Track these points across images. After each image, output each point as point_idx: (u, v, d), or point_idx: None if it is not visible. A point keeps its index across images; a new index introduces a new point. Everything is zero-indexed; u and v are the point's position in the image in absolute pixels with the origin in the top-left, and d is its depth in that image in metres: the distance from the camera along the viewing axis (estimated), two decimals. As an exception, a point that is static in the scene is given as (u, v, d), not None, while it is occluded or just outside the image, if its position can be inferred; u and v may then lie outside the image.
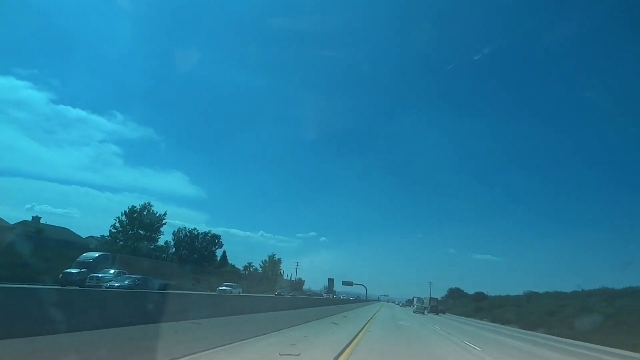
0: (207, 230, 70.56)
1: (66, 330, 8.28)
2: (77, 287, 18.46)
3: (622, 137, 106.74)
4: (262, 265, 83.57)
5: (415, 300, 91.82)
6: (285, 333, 13.25)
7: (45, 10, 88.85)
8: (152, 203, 48.06)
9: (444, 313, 72.42)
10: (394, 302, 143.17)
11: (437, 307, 72.91)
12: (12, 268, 25.34)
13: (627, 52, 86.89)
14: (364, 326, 20.58)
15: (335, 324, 20.02)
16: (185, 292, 29.22)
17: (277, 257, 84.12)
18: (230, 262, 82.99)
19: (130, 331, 9.94)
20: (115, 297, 12.59)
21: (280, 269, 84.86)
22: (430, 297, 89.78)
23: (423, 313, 61.15)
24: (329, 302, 49.94)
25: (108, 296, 12.78)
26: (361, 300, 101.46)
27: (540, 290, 57.33)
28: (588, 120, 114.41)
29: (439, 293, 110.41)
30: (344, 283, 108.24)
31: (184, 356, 7.38)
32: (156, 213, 47.17)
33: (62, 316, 8.26)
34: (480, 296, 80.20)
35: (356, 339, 13.47)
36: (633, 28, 79.82)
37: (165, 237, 57.44)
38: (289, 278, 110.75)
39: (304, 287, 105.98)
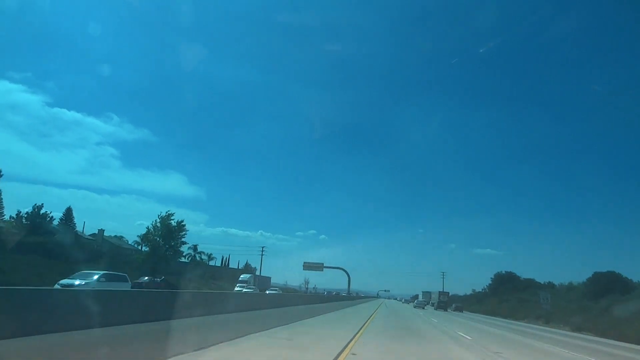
0: None
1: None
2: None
3: (626, 129, 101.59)
4: (151, 229, 40.45)
5: (420, 295, 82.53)
6: None
7: (37, 12, 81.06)
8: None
9: (461, 311, 59.36)
10: (395, 299, 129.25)
11: (446, 303, 64.50)
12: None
13: (633, 44, 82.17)
14: None
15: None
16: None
17: (175, 218, 40.68)
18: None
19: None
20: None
21: (183, 237, 41.10)
22: (440, 292, 76.65)
23: (423, 308, 58.53)
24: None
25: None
26: (340, 299, 58.23)
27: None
28: (589, 113, 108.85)
29: (469, 287, 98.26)
30: (307, 267, 66.93)
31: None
32: None
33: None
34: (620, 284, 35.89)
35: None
36: (636, 22, 74.52)
37: None
38: (239, 266, 72.83)
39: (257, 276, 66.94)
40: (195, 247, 56.07)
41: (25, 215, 40.49)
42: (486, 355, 10.78)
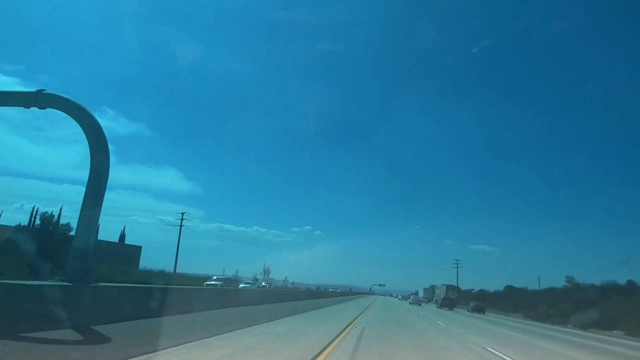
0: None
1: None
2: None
3: (622, 129, 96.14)
4: None
5: (421, 291, 77.04)
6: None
7: (31, 4, 70.48)
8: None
9: (483, 312, 44.49)
10: (391, 295, 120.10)
11: (453, 300, 51.19)
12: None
13: (626, 44, 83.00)
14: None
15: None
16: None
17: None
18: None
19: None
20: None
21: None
22: (448, 285, 60.51)
23: (419, 304, 51.83)
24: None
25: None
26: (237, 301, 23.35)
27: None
28: (587, 112, 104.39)
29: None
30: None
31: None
32: None
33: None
34: None
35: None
36: (630, 21, 74.24)
37: None
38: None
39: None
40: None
41: None
42: None
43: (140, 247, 47.50)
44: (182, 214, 58.59)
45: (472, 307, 47.21)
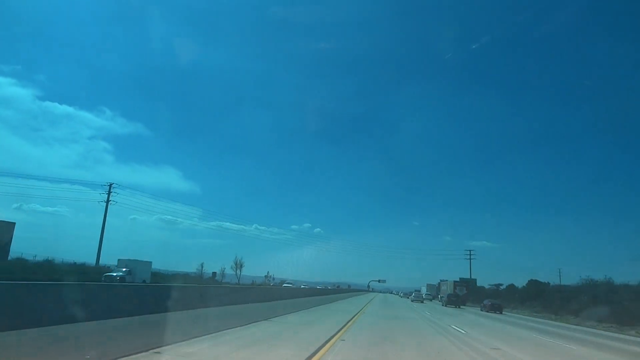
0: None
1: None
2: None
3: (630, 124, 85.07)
4: None
5: (424, 288, 72.56)
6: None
7: (28, 4, 70.79)
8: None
9: (500, 312, 37.80)
10: (391, 292, 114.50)
11: (460, 298, 46.40)
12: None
13: (626, 38, 79.90)
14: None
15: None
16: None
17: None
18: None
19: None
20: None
21: None
22: (456, 281, 55.64)
23: (422, 301, 49.07)
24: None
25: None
26: None
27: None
28: (582, 107, 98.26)
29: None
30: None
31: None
32: None
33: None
34: None
35: None
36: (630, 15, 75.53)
37: None
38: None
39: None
40: None
41: None
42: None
43: (13, 223, 33.03)
44: (110, 185, 44.57)
45: (487, 305, 39.30)
